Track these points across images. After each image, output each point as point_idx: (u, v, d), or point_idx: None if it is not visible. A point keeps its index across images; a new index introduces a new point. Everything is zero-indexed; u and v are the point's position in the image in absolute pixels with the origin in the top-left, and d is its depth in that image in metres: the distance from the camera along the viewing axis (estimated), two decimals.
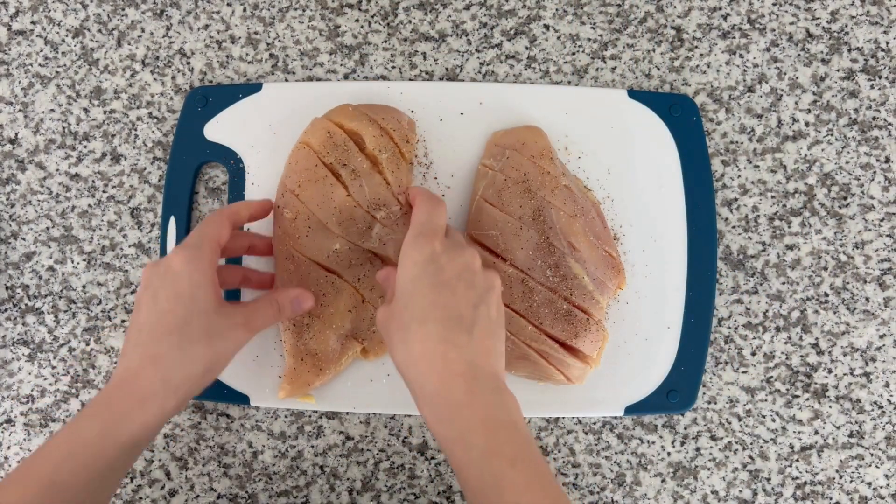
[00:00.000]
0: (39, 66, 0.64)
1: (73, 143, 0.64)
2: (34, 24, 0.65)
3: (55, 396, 0.63)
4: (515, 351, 0.57)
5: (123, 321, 0.63)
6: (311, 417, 0.62)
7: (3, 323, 0.63)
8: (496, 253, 0.57)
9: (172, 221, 0.62)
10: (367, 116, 0.58)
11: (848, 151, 0.63)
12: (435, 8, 0.64)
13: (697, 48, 0.64)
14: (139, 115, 0.64)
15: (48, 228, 0.64)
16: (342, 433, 0.62)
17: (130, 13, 0.65)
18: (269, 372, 0.60)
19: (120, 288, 0.63)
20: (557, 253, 0.57)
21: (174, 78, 0.64)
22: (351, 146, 0.57)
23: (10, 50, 0.65)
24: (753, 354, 0.62)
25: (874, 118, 0.63)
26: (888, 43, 0.64)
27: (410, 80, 0.64)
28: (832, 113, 0.63)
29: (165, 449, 0.62)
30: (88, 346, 0.63)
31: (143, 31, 0.64)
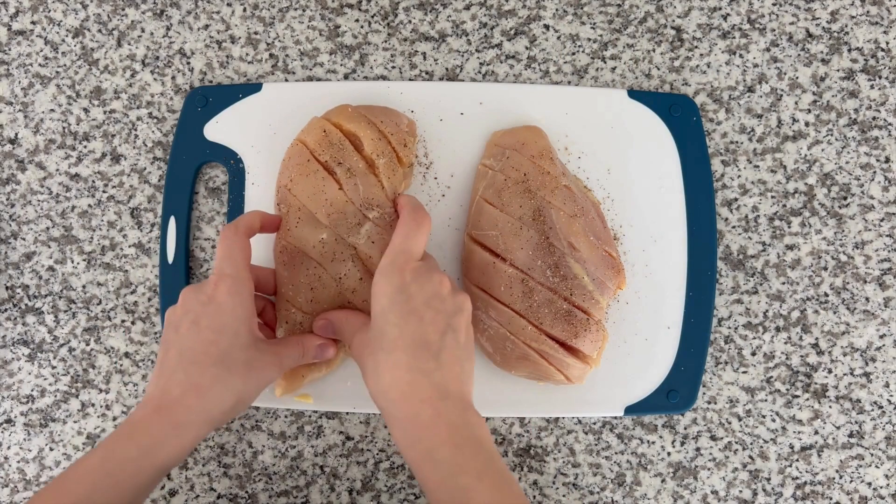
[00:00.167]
0: (39, 66, 0.64)
1: (73, 143, 0.64)
2: (34, 24, 0.65)
3: (55, 396, 0.63)
4: (515, 351, 0.56)
5: (123, 321, 0.63)
6: (311, 417, 0.62)
7: (3, 323, 0.63)
8: (496, 253, 0.57)
9: (172, 221, 0.62)
10: (365, 118, 0.58)
11: (848, 151, 0.63)
12: (435, 8, 0.64)
13: (697, 48, 0.64)
14: (139, 115, 0.64)
15: (48, 228, 0.64)
16: (342, 433, 0.62)
17: (130, 13, 0.65)
18: None
19: (120, 288, 0.63)
20: (557, 253, 0.57)
21: (174, 78, 0.64)
22: (347, 146, 0.57)
23: (10, 50, 0.65)
24: (753, 354, 0.62)
25: (874, 118, 0.63)
26: (888, 43, 0.64)
27: (410, 80, 0.64)
28: (832, 113, 0.63)
29: None
30: (88, 346, 0.63)
31: (143, 31, 0.64)
